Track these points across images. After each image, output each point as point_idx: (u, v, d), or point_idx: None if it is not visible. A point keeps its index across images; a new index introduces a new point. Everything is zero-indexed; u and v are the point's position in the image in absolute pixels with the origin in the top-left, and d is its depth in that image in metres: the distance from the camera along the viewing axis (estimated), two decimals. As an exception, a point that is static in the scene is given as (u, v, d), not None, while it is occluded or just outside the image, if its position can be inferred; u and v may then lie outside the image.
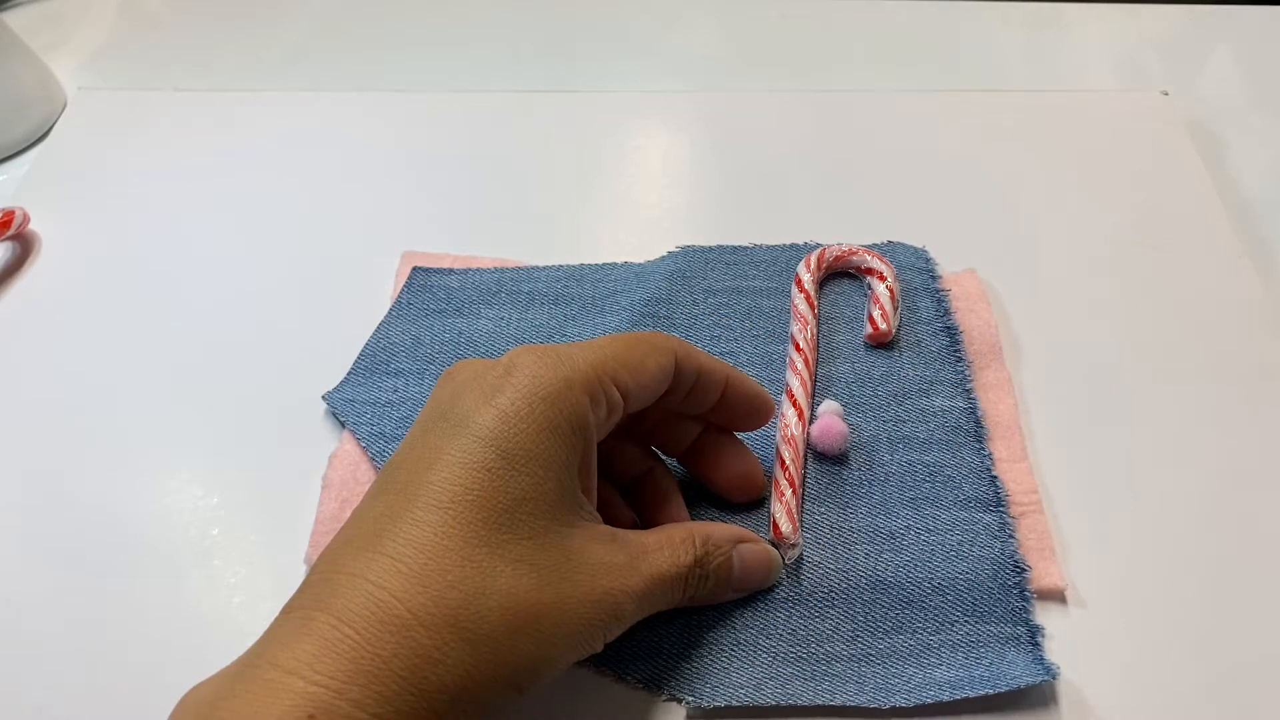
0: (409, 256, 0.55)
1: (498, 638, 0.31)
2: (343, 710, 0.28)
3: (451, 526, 0.31)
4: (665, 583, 0.36)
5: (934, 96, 0.65)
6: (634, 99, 0.65)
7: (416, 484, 0.32)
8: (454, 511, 0.31)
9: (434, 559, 0.30)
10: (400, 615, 0.29)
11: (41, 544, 0.44)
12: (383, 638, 0.29)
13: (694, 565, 0.37)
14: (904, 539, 0.43)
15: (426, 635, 0.29)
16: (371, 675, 0.28)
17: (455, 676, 0.30)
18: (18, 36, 0.64)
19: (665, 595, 0.37)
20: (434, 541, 0.31)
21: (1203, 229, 0.56)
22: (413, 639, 0.29)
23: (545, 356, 0.34)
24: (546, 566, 0.32)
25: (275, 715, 0.27)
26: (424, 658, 0.29)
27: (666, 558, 0.37)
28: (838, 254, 0.52)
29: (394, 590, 0.30)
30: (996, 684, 0.38)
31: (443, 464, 0.32)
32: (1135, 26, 0.72)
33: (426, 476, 0.32)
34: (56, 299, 0.54)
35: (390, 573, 0.30)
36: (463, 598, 0.30)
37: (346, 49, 0.72)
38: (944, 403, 0.47)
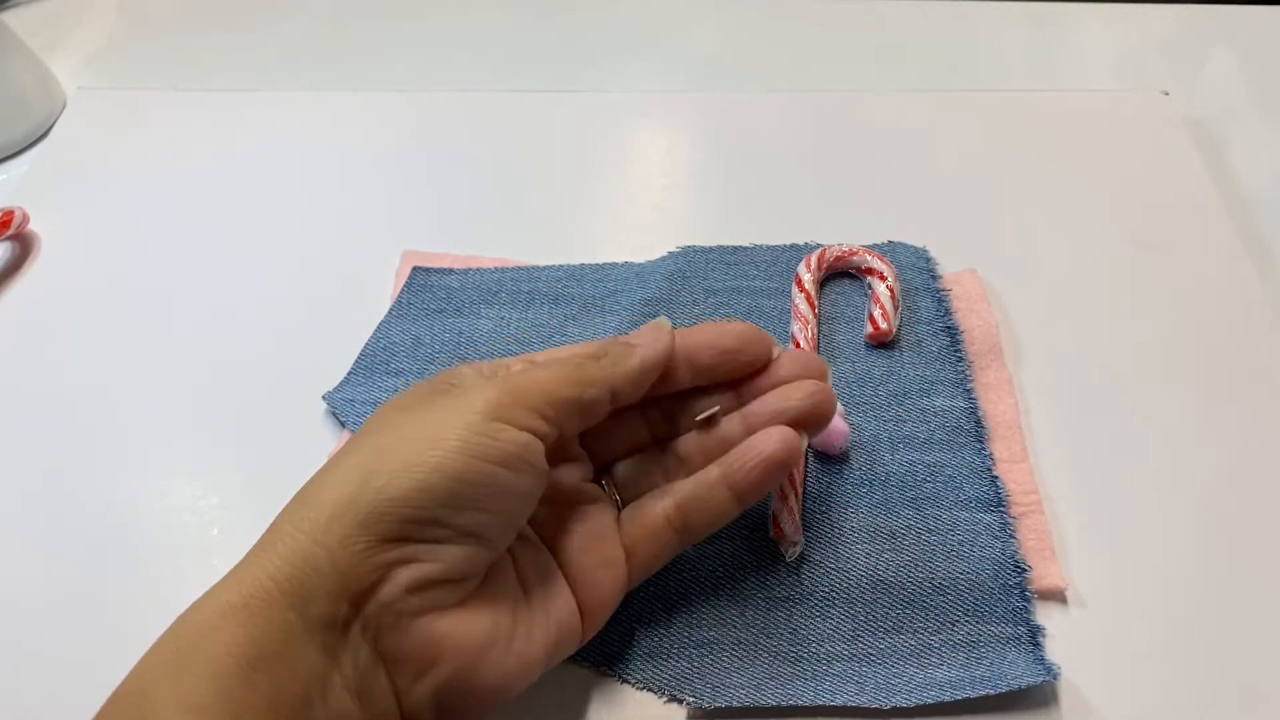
0: (409, 256, 0.55)
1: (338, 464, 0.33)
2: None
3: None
4: (539, 367, 0.36)
5: (934, 96, 0.64)
6: (634, 99, 0.65)
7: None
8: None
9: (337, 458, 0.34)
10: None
11: (41, 544, 0.44)
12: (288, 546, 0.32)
13: (586, 355, 0.37)
14: (904, 539, 0.43)
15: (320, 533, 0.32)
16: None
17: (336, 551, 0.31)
18: (18, 36, 0.64)
19: (548, 374, 0.35)
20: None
21: (1203, 229, 0.56)
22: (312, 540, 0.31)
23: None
24: (415, 405, 0.34)
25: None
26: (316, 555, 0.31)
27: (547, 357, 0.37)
28: (838, 254, 0.52)
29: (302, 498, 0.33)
30: (997, 684, 0.38)
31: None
32: (1135, 26, 0.72)
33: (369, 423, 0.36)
34: (56, 299, 0.54)
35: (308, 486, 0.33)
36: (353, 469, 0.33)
37: (346, 49, 0.72)
38: (944, 403, 0.47)
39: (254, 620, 0.29)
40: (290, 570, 0.30)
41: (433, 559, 0.31)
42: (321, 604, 0.30)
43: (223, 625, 0.29)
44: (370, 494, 0.31)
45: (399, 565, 0.31)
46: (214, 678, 0.28)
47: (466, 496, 0.32)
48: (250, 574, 0.30)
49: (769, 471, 0.38)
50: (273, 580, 0.30)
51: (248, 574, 0.30)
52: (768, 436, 0.38)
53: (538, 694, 0.39)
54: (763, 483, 0.38)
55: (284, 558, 0.30)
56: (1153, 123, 0.62)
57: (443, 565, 0.32)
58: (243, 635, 0.29)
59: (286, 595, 0.30)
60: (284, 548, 0.31)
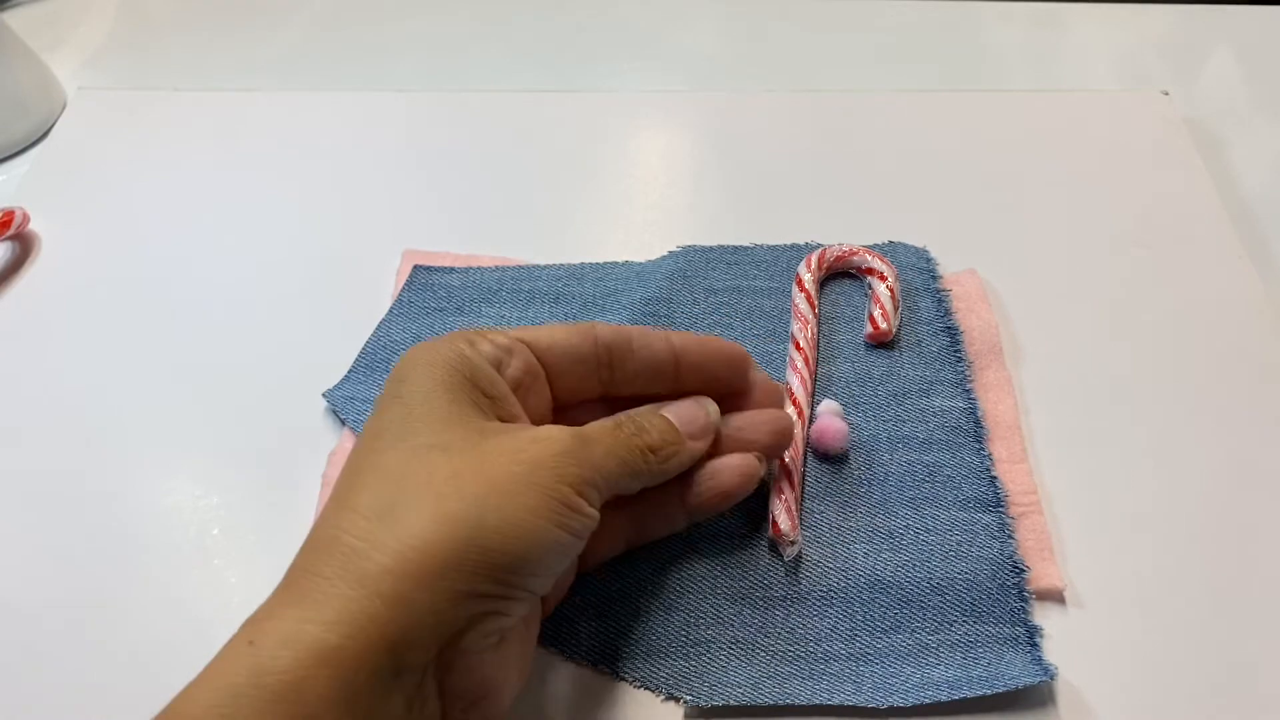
0: (410, 255, 0.55)
1: (420, 507, 0.32)
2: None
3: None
4: (604, 438, 0.36)
5: (934, 96, 0.65)
6: (634, 99, 0.65)
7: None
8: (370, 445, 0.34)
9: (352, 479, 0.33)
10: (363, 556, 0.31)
11: (42, 544, 0.44)
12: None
13: (647, 447, 0.37)
14: (903, 538, 0.43)
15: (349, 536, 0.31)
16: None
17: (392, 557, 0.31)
18: (18, 36, 0.64)
19: (612, 455, 0.36)
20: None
21: (1203, 229, 0.56)
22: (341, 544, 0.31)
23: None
24: (458, 446, 0.33)
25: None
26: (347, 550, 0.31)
27: (599, 423, 0.37)
28: (838, 254, 0.52)
29: (355, 533, 0.31)
30: (994, 684, 0.38)
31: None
32: (1135, 26, 0.72)
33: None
34: (56, 299, 0.54)
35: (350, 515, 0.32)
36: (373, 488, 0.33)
37: (346, 49, 0.72)
38: (944, 403, 0.47)
39: (348, 664, 0.28)
40: (392, 616, 0.29)
41: (512, 612, 0.32)
42: (417, 653, 0.30)
43: (318, 671, 0.28)
44: (478, 552, 0.31)
45: (487, 617, 0.32)
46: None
47: (549, 564, 0.33)
48: (347, 611, 0.29)
49: (724, 500, 0.40)
50: (373, 624, 0.29)
51: (344, 611, 0.29)
52: (729, 468, 0.40)
53: (536, 693, 0.39)
54: (715, 508, 0.41)
55: (386, 601, 0.29)
56: (1153, 123, 0.62)
57: (515, 617, 0.33)
58: (337, 681, 0.28)
59: (387, 641, 0.29)
60: (386, 589, 0.29)
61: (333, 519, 0.32)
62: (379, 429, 0.34)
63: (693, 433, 0.39)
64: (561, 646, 0.40)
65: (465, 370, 0.35)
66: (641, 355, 0.39)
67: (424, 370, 0.35)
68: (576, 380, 0.39)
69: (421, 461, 0.33)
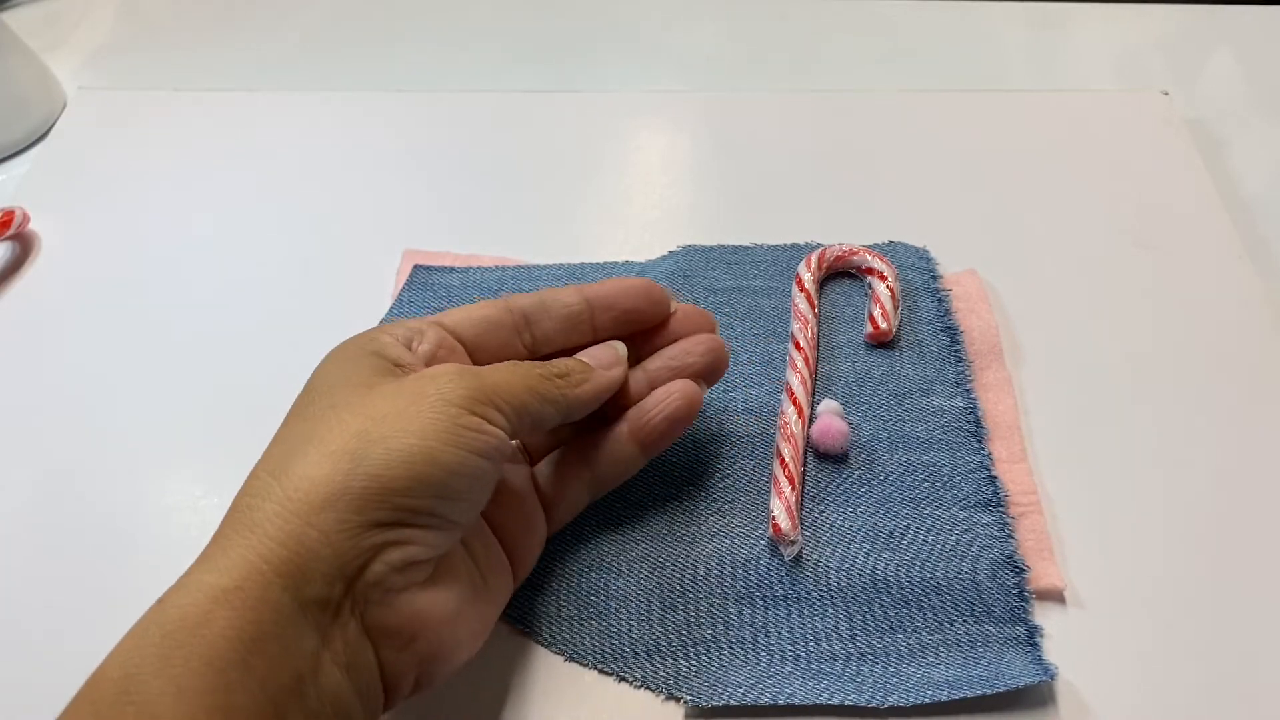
0: (410, 254, 0.55)
1: (306, 452, 0.33)
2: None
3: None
4: (502, 369, 0.37)
5: (934, 96, 0.64)
6: (635, 99, 0.65)
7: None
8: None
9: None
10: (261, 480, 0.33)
11: (42, 543, 0.44)
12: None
13: (550, 372, 0.39)
14: (903, 538, 0.43)
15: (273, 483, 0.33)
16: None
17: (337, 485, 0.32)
18: (18, 36, 0.64)
19: (516, 382, 0.37)
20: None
21: (1203, 229, 0.56)
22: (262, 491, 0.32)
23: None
24: (351, 401, 0.35)
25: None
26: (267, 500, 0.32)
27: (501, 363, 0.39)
28: (838, 254, 0.52)
29: (252, 492, 0.33)
30: (995, 684, 0.38)
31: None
32: (1135, 26, 0.72)
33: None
34: (56, 299, 0.54)
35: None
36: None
37: (346, 49, 0.72)
38: (944, 403, 0.47)
39: (248, 604, 0.29)
40: (284, 553, 0.30)
41: (419, 542, 0.33)
42: (317, 586, 0.31)
43: (215, 610, 0.29)
44: (363, 479, 0.32)
45: (390, 546, 0.32)
46: (209, 662, 0.28)
47: (454, 487, 0.33)
48: (240, 556, 0.30)
49: (673, 425, 0.42)
50: (266, 563, 0.30)
51: (236, 557, 0.30)
52: (669, 392, 0.42)
53: (535, 692, 0.39)
54: (667, 436, 0.42)
55: (276, 540, 0.30)
56: (1153, 123, 0.62)
57: (427, 547, 0.33)
58: (237, 619, 0.29)
59: (281, 578, 0.30)
60: (274, 529, 0.31)
61: (240, 491, 0.33)
62: (290, 411, 0.36)
63: (602, 363, 0.41)
64: (562, 647, 0.40)
65: (371, 347, 0.37)
66: (554, 309, 0.41)
67: (333, 356, 0.37)
68: (498, 346, 0.40)
69: (317, 420, 0.34)
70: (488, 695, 0.39)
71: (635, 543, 0.43)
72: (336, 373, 0.36)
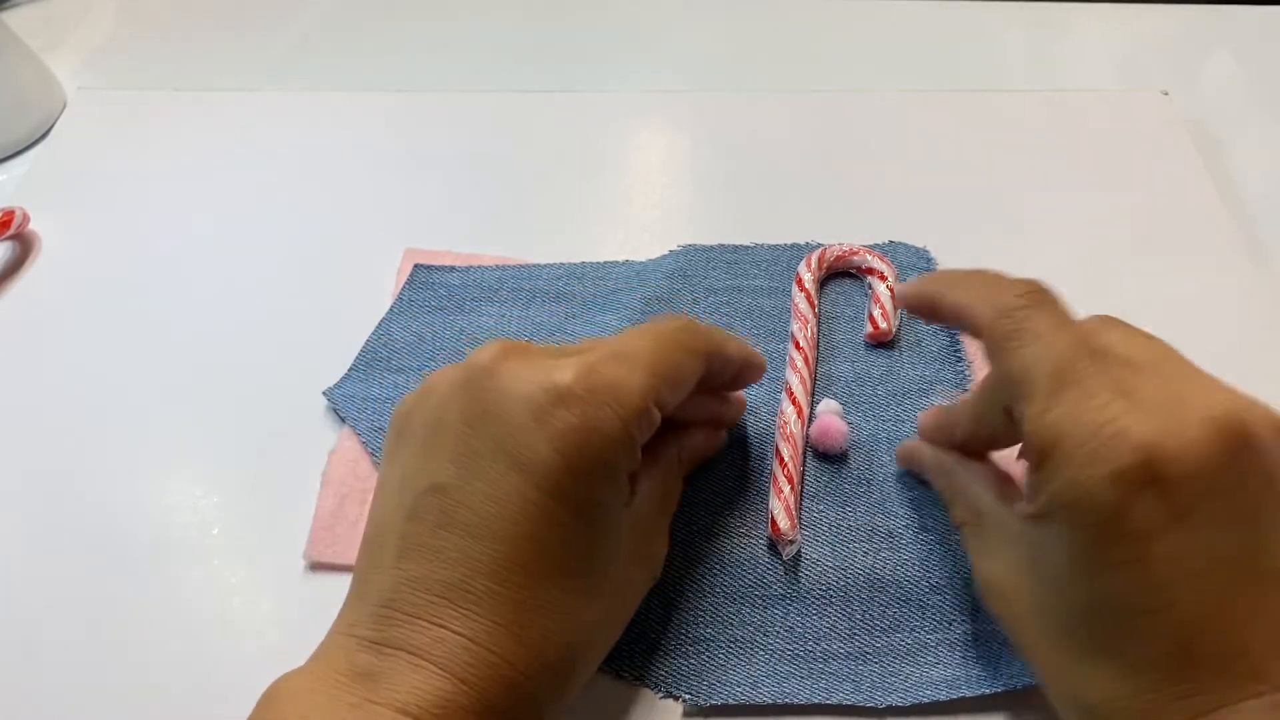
0: (411, 254, 0.55)
1: (580, 664, 0.34)
2: None
3: (539, 586, 0.32)
4: (676, 505, 0.41)
5: (934, 96, 0.64)
6: (635, 99, 0.65)
7: (489, 534, 0.32)
8: (536, 569, 0.32)
9: (529, 618, 0.32)
10: (510, 675, 0.31)
11: (42, 543, 0.44)
12: (498, 695, 0.31)
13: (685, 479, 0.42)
14: (902, 538, 0.43)
15: (532, 684, 0.32)
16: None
17: (545, 701, 0.33)
18: (18, 36, 0.64)
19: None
20: (525, 600, 0.32)
21: (1203, 229, 0.56)
22: (521, 690, 0.31)
23: (597, 388, 0.33)
24: (615, 588, 0.36)
25: None
26: (530, 700, 0.32)
27: (677, 489, 0.41)
28: (839, 254, 0.52)
29: (503, 653, 0.31)
30: (993, 683, 0.38)
31: (515, 516, 0.32)
32: (1135, 26, 0.72)
33: (498, 526, 0.32)
34: (56, 299, 0.54)
35: (493, 635, 0.31)
36: (560, 645, 0.33)
37: (346, 49, 0.72)
38: (943, 402, 0.47)
39: None
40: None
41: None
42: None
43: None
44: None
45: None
46: None
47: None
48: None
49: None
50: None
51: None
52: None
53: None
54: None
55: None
56: (1153, 123, 0.62)
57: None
58: None
59: None
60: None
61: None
62: (550, 541, 0.33)
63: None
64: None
65: (634, 467, 0.36)
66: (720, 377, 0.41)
67: (604, 477, 0.35)
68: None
69: (585, 614, 0.35)
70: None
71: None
72: (612, 491, 0.35)
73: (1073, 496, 0.31)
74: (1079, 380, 0.32)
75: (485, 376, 0.34)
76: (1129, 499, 0.30)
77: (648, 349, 0.36)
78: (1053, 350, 0.33)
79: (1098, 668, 0.31)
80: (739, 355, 0.40)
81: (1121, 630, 0.31)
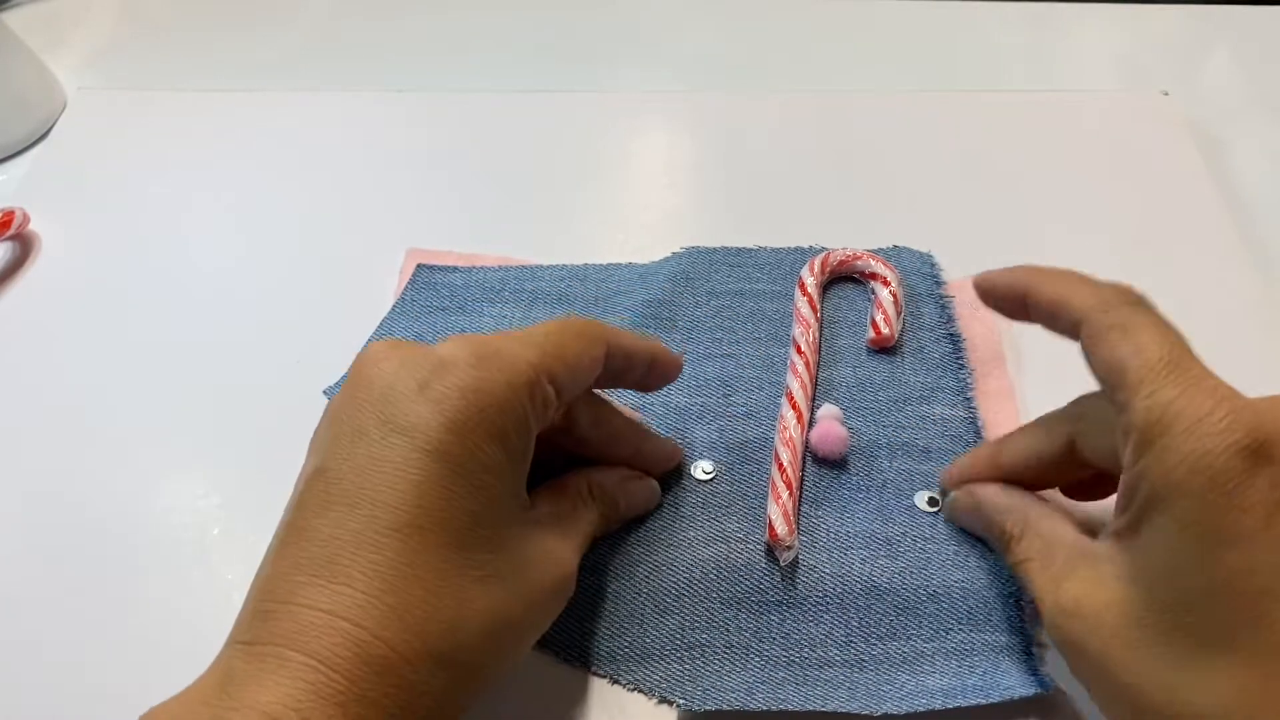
0: (413, 254, 0.55)
1: (478, 659, 0.31)
2: None
3: (417, 553, 0.30)
4: (585, 545, 0.39)
5: (934, 96, 0.64)
6: (637, 99, 0.65)
7: (368, 501, 0.31)
8: (418, 537, 0.30)
9: (408, 591, 0.30)
10: (385, 655, 0.29)
11: (41, 543, 0.44)
12: (371, 680, 0.28)
13: (598, 518, 0.40)
14: (900, 545, 0.43)
15: (412, 671, 0.29)
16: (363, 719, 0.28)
17: (438, 700, 0.30)
18: (18, 36, 0.64)
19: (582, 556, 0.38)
20: (404, 570, 0.30)
21: (1203, 229, 0.56)
22: (400, 677, 0.29)
23: (484, 355, 0.33)
24: (510, 574, 0.33)
25: None
26: (411, 692, 0.29)
27: (584, 521, 0.39)
28: (842, 258, 0.52)
29: (373, 629, 0.29)
30: (989, 694, 0.38)
31: (394, 479, 0.31)
32: (1135, 26, 0.72)
33: (377, 493, 0.31)
34: (56, 299, 0.54)
35: (365, 609, 0.29)
36: (443, 628, 0.30)
37: (346, 49, 0.72)
38: (945, 410, 0.47)
39: None
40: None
41: None
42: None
43: None
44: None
45: None
46: None
47: None
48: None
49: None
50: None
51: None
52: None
53: (528, 694, 0.39)
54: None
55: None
56: (1153, 123, 0.62)
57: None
58: None
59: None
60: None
61: None
62: (431, 505, 0.32)
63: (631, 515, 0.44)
64: (555, 649, 0.40)
65: (527, 439, 0.35)
66: (627, 372, 0.40)
67: (489, 436, 0.33)
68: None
69: (480, 596, 0.33)
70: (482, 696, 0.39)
71: (630, 546, 0.43)
72: (500, 455, 0.33)
73: (1193, 469, 0.30)
74: (1189, 366, 0.32)
75: (373, 364, 0.34)
76: (1254, 468, 0.29)
77: (541, 331, 0.35)
78: (1161, 339, 0.33)
79: (1213, 664, 0.30)
80: (645, 350, 0.40)
81: (1243, 615, 0.29)
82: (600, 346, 0.37)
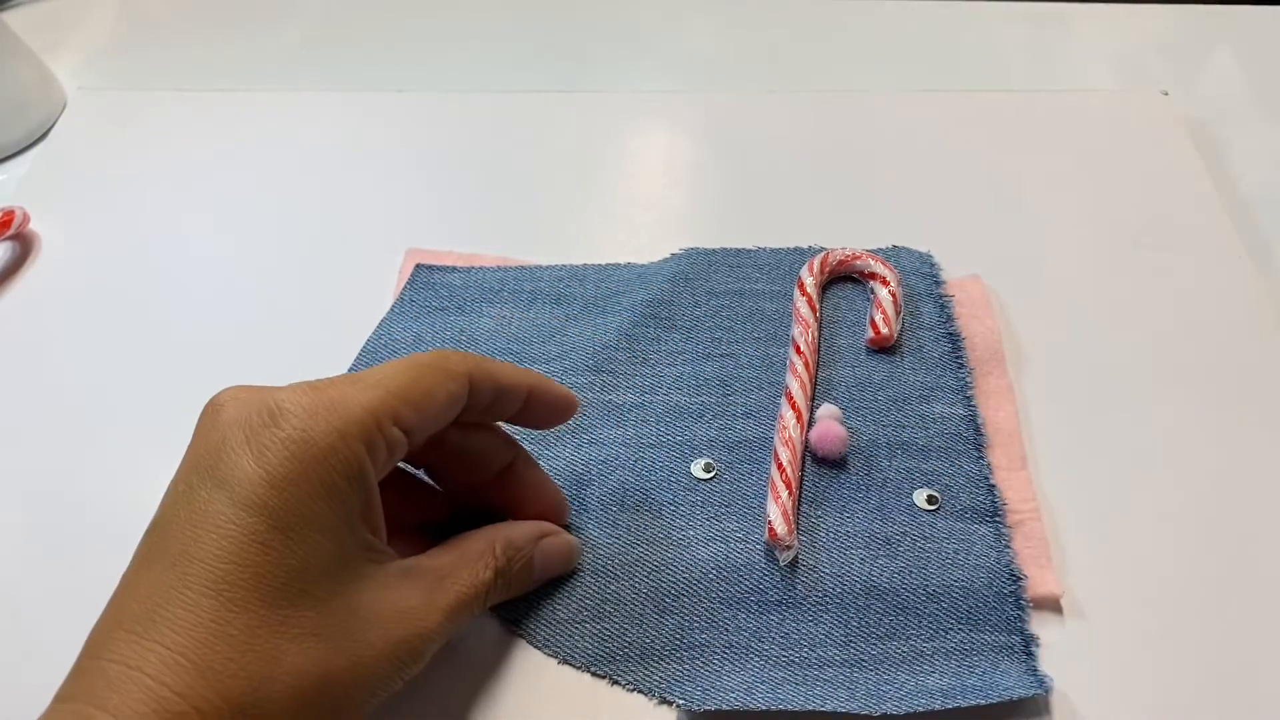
0: (412, 254, 0.55)
1: (276, 712, 0.30)
2: None
3: (229, 610, 0.29)
4: (466, 606, 0.36)
5: (934, 96, 0.64)
6: (636, 99, 0.65)
7: (187, 558, 0.30)
8: (230, 593, 0.30)
9: (214, 648, 0.29)
10: (184, 712, 0.28)
11: (41, 544, 0.44)
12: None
13: (495, 578, 0.37)
14: (900, 545, 0.43)
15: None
16: None
17: None
18: (18, 36, 0.64)
19: (467, 616, 0.36)
20: (212, 628, 0.29)
21: (1203, 229, 0.56)
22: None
23: (316, 406, 0.32)
24: (335, 632, 0.32)
25: None
26: None
27: (465, 580, 0.36)
28: (841, 258, 0.52)
29: (174, 686, 0.28)
30: (989, 694, 0.38)
31: (213, 535, 0.30)
32: (1135, 26, 0.72)
33: (196, 549, 0.30)
34: (56, 299, 0.54)
35: (169, 666, 0.28)
36: (248, 686, 0.29)
37: (346, 49, 0.72)
38: (944, 409, 0.47)
39: None
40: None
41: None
42: None
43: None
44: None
45: None
46: None
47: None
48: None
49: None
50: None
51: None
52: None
53: (527, 694, 0.39)
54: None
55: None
56: (1153, 123, 0.62)
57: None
58: None
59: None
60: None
61: None
62: (247, 561, 0.31)
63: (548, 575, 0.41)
64: (555, 649, 0.40)
65: (364, 487, 0.34)
66: (502, 404, 0.39)
67: (313, 490, 0.32)
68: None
69: (292, 654, 0.31)
70: (480, 697, 0.39)
71: (629, 546, 0.43)
72: (327, 508, 0.32)
73: None
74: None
75: (212, 413, 0.33)
76: None
77: (389, 371, 0.34)
78: None
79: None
80: (520, 383, 0.38)
81: None
82: (458, 381, 0.36)
